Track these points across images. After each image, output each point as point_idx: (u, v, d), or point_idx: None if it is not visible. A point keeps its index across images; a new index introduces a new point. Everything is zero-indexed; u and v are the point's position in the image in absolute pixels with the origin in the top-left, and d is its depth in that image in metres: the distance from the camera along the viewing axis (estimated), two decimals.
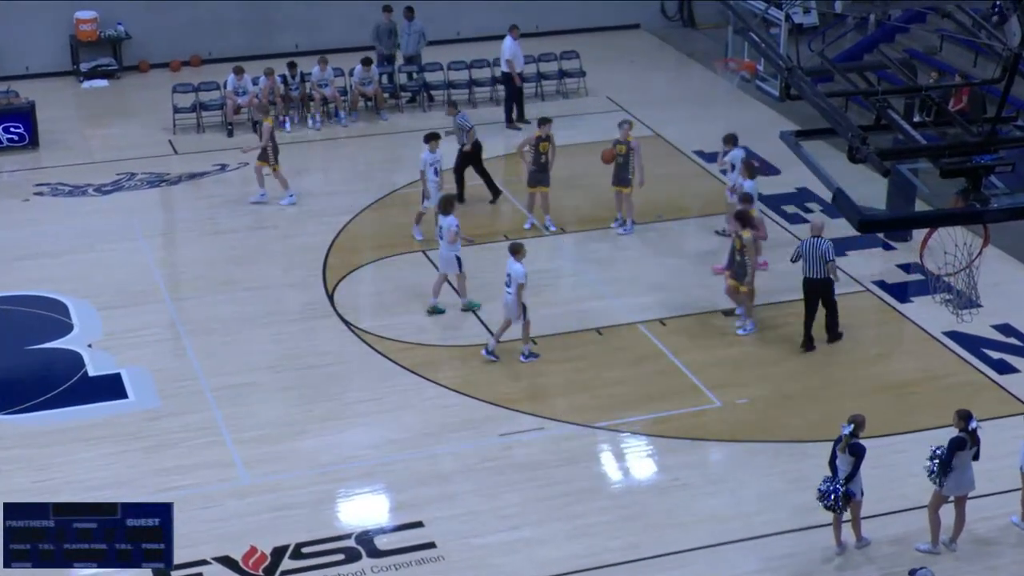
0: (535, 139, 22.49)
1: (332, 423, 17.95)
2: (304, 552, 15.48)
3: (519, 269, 18.70)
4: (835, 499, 15.04)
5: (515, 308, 18.82)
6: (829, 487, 15.10)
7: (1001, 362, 19.30)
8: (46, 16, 29.30)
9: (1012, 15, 11.37)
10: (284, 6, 30.48)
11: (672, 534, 15.83)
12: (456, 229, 19.84)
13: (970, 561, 15.40)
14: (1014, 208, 12.28)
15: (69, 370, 18.96)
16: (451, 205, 20.27)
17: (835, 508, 15.15)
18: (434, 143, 22.14)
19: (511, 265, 18.80)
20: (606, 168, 22.99)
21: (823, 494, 15.16)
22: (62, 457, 17.14)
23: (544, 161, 22.36)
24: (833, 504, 15.10)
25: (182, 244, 23.27)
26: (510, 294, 18.78)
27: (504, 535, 15.80)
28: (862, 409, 15.48)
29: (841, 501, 15.06)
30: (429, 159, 22.00)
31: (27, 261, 21.90)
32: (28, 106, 26.22)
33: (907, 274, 21.48)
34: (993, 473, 15.91)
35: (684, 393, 18.60)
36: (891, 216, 18.44)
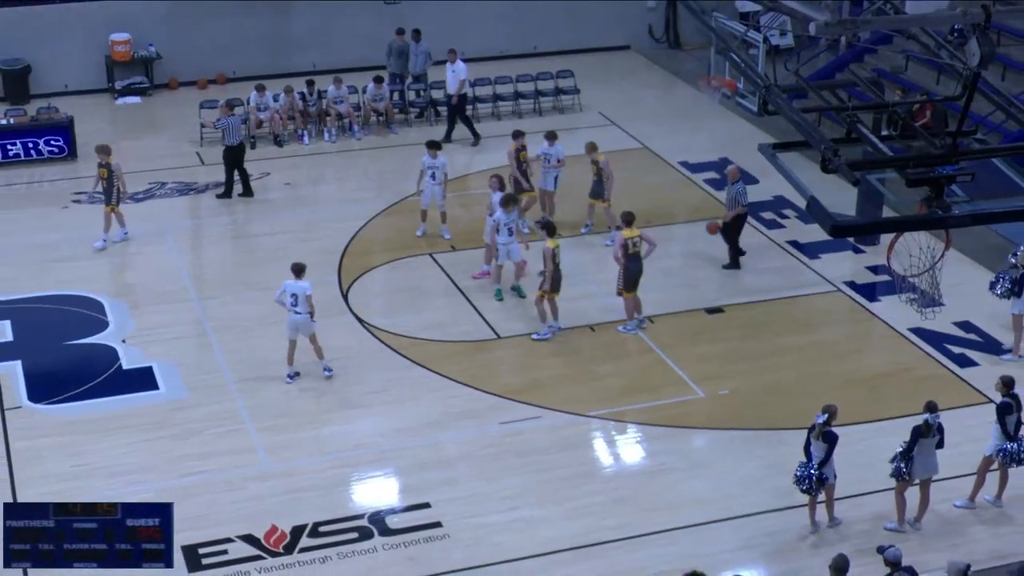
0: (514, 149, 22.44)
1: (346, 412, 17.93)
2: (321, 531, 15.48)
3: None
4: (810, 483, 15.06)
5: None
6: (804, 472, 15.10)
7: (962, 356, 19.28)
8: (84, 38, 29.29)
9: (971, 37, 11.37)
10: (302, 28, 30.45)
11: (660, 514, 15.83)
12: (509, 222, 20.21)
13: (934, 539, 15.40)
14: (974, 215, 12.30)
15: (105, 364, 18.94)
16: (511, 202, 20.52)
17: (810, 491, 15.16)
18: (434, 150, 22.27)
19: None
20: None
21: (799, 479, 15.17)
22: (97, 444, 17.12)
23: (524, 170, 22.37)
24: (809, 488, 15.11)
25: (208, 247, 23.25)
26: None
27: (505, 515, 15.79)
28: (835, 400, 15.49)
29: (816, 485, 15.07)
30: (428, 163, 22.18)
31: (66, 263, 21.87)
32: (67, 121, 26.22)
33: (875, 275, 21.45)
34: (955, 459, 15.89)
35: (671, 385, 18.58)
36: (860, 222, 18.46)
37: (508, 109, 28.82)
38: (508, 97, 28.91)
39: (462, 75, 26.61)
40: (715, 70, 29.73)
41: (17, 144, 25.84)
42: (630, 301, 19.62)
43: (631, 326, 19.65)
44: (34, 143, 25.92)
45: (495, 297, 20.43)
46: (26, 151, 25.85)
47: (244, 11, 29.97)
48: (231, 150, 24.18)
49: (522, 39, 31.89)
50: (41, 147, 25.92)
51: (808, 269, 21.91)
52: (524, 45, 31.85)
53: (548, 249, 19.21)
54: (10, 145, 25.78)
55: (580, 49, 31.97)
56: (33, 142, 25.92)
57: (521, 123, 28.20)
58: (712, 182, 24.62)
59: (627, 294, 19.55)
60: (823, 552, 14.71)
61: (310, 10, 30.35)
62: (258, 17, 30.13)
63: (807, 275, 21.74)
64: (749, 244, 22.45)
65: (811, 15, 11.68)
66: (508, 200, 20.30)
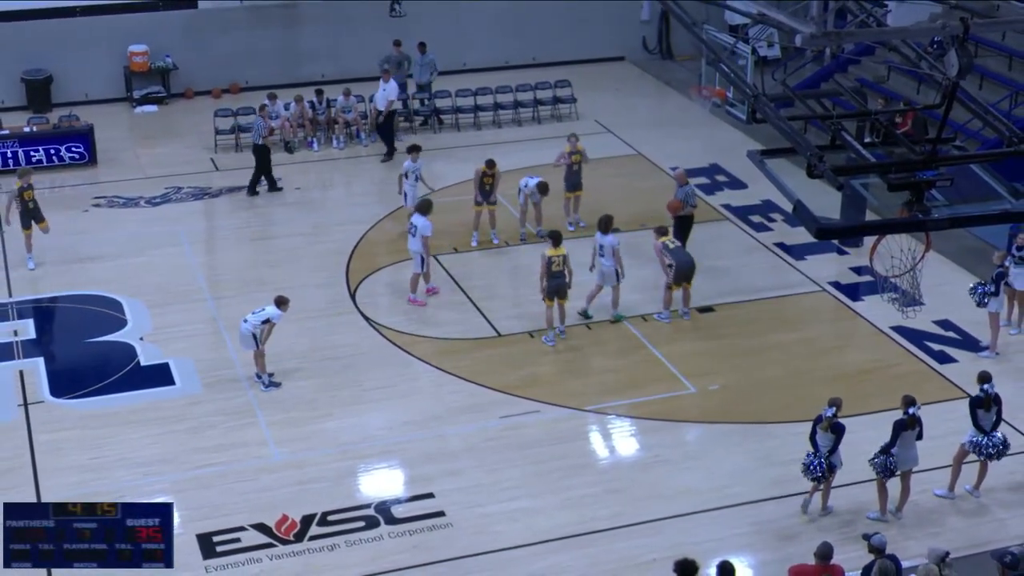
0: (482, 172, 22.12)
1: (353, 407, 17.90)
2: (330, 520, 15.45)
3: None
4: (821, 470, 15.11)
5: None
6: (813, 461, 15.12)
7: (942, 353, 19.26)
8: (104, 50, 29.25)
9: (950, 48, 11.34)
10: (311, 39, 30.42)
11: (653, 504, 15.80)
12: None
13: (914, 528, 15.39)
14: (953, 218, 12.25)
15: (123, 360, 18.91)
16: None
17: (821, 478, 15.19)
18: (415, 154, 22.40)
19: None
20: (596, 182, 23.03)
21: (808, 467, 15.17)
22: (115, 437, 17.09)
23: (488, 189, 22.12)
24: (821, 475, 15.16)
25: (222, 249, 23.22)
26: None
27: (505, 505, 15.76)
28: (820, 395, 15.46)
29: (825, 471, 15.09)
30: (410, 167, 22.28)
31: (86, 264, 21.85)
32: (87, 128, 26.19)
33: (859, 276, 21.43)
34: (935, 450, 15.87)
35: (663, 380, 18.56)
36: (844, 225, 18.39)
37: (508, 117, 28.78)
38: (508, 106, 28.87)
39: (392, 95, 26.34)
40: (706, 80, 29.72)
41: (40, 151, 25.81)
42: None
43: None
44: (56, 150, 25.89)
45: (614, 319, 19.98)
46: (48, 157, 25.82)
47: (257, 24, 29.95)
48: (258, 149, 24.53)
49: (522, 50, 31.84)
50: (63, 154, 25.89)
51: (794, 270, 21.88)
52: (524, 56, 31.81)
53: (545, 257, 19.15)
54: (33, 152, 25.75)
55: (577, 60, 31.95)
56: (55, 149, 25.89)
57: (520, 130, 28.28)
58: (703, 187, 24.58)
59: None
60: (808, 540, 14.66)
61: (319, 23, 30.34)
62: (270, 29, 30.11)
63: (793, 276, 21.71)
64: (738, 246, 22.45)
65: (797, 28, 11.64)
66: (607, 223, 19.72)
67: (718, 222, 23.48)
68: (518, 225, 22.70)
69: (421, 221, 20.12)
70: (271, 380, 18.16)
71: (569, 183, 22.77)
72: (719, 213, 23.88)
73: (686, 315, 20.01)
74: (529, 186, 22.17)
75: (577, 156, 22.59)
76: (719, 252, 22.15)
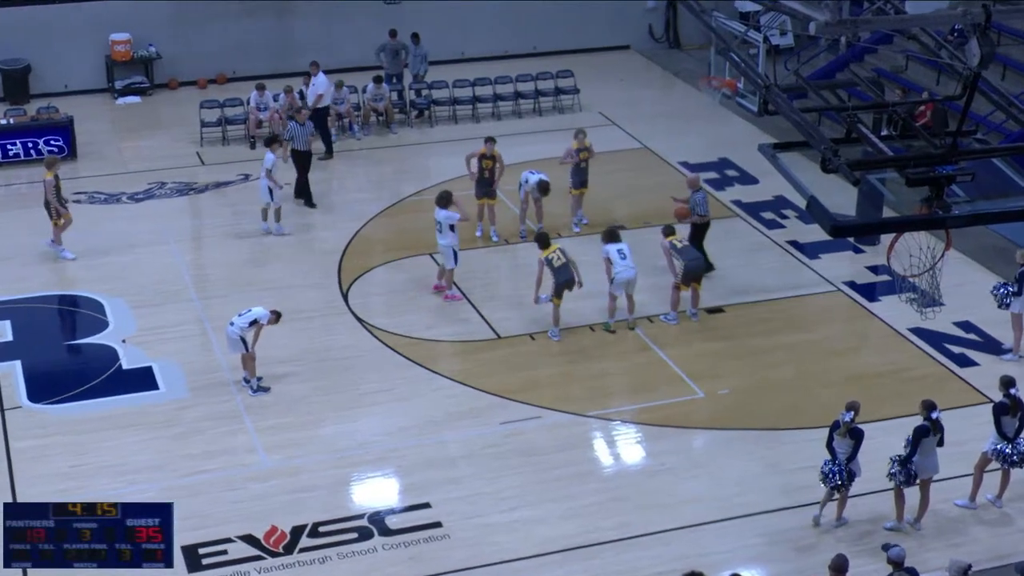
0: (479, 155, 22.31)
1: (346, 412, 17.91)
2: (321, 531, 15.45)
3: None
4: (841, 478, 15.09)
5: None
6: (832, 468, 15.11)
7: (962, 356, 19.27)
8: (84, 38, 29.27)
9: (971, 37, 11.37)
10: (302, 29, 30.43)
11: (660, 514, 15.80)
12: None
13: (934, 539, 15.38)
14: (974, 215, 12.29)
15: (105, 363, 18.91)
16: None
17: (841, 486, 15.17)
18: (275, 146, 22.67)
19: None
20: (600, 178, 23.03)
21: (827, 475, 15.16)
22: (98, 444, 17.09)
23: (488, 177, 22.23)
24: (841, 483, 15.12)
25: (208, 248, 23.22)
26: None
27: (505, 515, 15.76)
28: (834, 400, 15.45)
29: (846, 479, 15.08)
30: (269, 161, 22.46)
31: (66, 263, 21.84)
32: (67, 121, 26.20)
33: (875, 275, 21.44)
34: (955, 458, 15.87)
35: (670, 384, 18.57)
36: (860, 222, 18.46)
37: (508, 109, 28.80)
38: (508, 97, 28.89)
39: (321, 88, 26.19)
40: (715, 70, 29.55)
41: (17, 144, 25.81)
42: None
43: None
44: (34, 143, 25.88)
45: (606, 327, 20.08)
46: (26, 151, 25.82)
47: (244, 12, 29.97)
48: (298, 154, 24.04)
49: (522, 39, 31.87)
50: (41, 147, 25.87)
51: (808, 269, 21.89)
52: (524, 45, 31.84)
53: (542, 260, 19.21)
54: (10, 145, 25.75)
55: (580, 49, 31.97)
56: (33, 142, 25.88)
57: (521, 123, 28.30)
58: (712, 182, 24.59)
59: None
60: (822, 552, 14.68)
61: (310, 11, 30.34)
62: (258, 18, 30.12)
63: (807, 275, 21.72)
64: (748, 244, 22.47)
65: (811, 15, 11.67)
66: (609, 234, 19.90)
67: (728, 219, 23.49)
68: (518, 222, 22.70)
69: (443, 214, 20.16)
70: (259, 385, 18.18)
71: (577, 180, 22.74)
72: (729, 210, 23.90)
73: (694, 316, 20.04)
74: (530, 182, 22.18)
75: (585, 153, 22.59)
76: (729, 250, 22.15)
